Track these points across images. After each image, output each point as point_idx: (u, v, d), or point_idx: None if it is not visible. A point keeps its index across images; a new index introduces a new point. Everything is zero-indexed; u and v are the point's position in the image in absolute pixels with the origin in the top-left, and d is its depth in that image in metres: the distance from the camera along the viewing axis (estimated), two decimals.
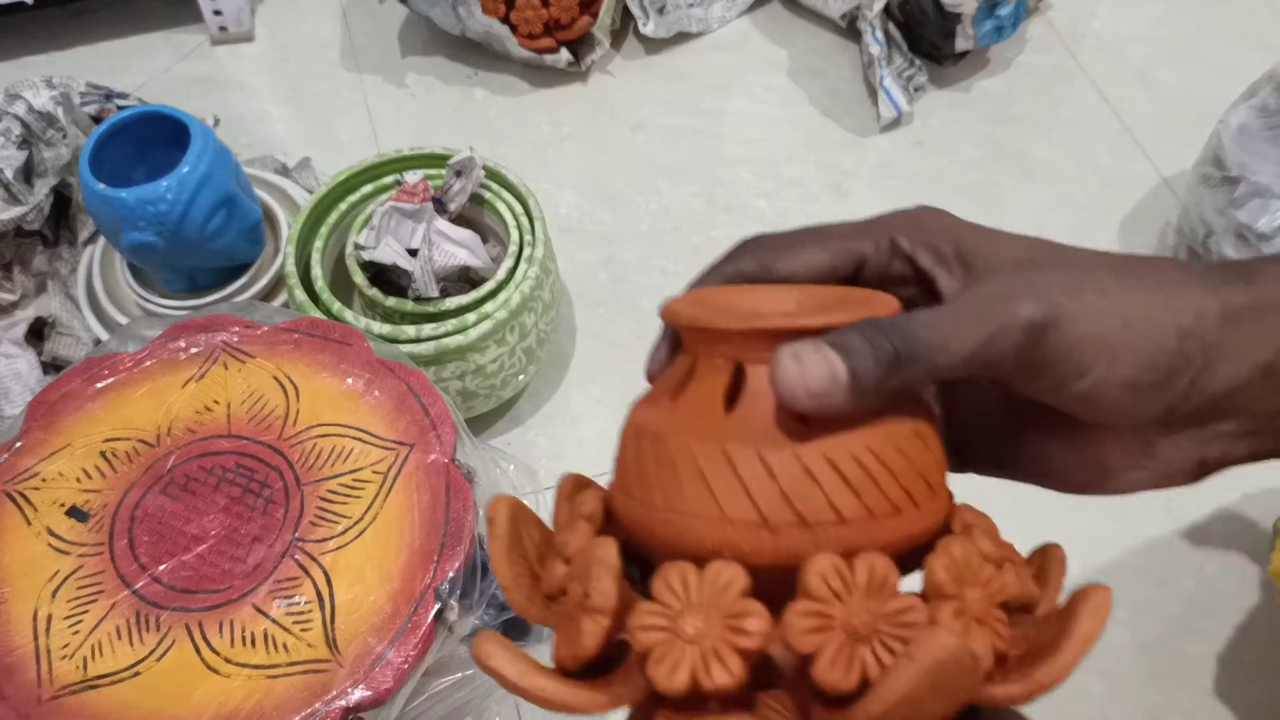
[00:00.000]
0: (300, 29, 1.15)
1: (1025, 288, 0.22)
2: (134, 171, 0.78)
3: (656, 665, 0.20)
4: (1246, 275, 0.23)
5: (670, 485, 0.21)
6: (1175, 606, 0.76)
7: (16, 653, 0.50)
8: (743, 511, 0.21)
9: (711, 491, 0.21)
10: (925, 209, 0.26)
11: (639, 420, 0.23)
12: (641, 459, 0.22)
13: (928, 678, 0.19)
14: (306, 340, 0.62)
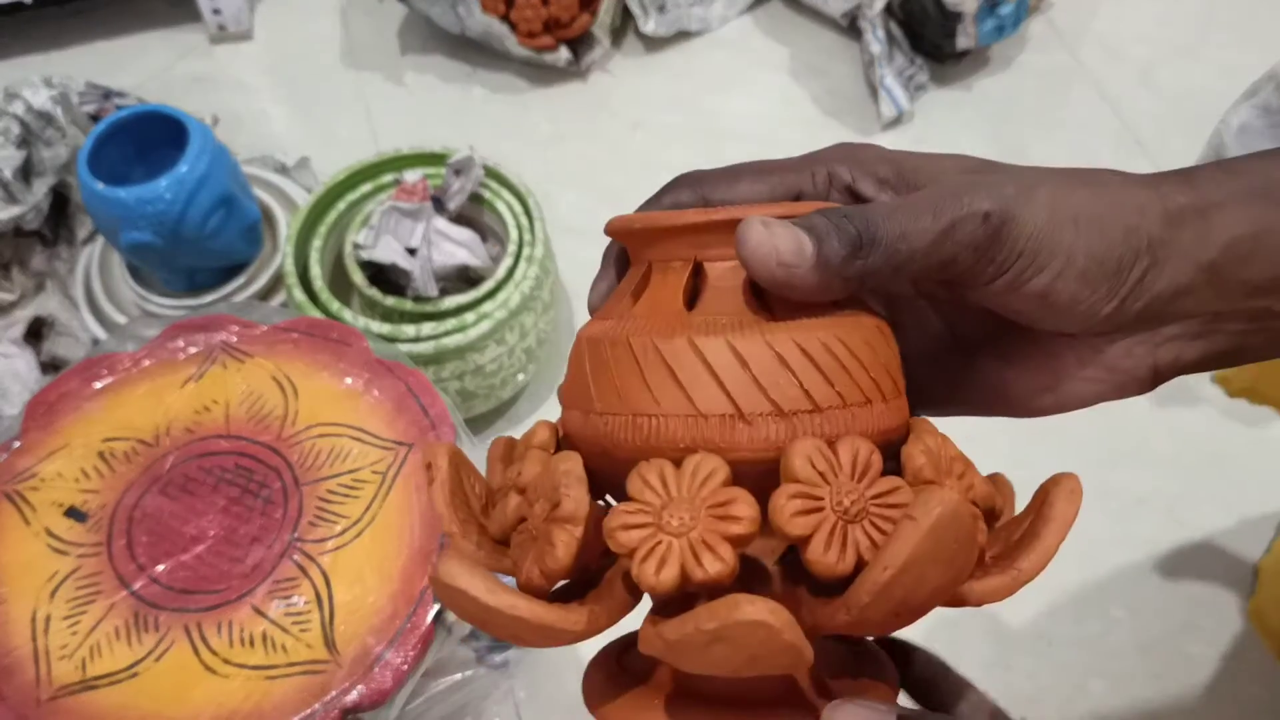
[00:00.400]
0: (299, 28, 1.15)
1: (979, 186, 0.23)
2: (132, 171, 0.78)
3: (644, 562, 0.19)
4: (1187, 178, 0.24)
5: (636, 387, 0.20)
6: (1175, 606, 0.76)
7: (15, 653, 0.50)
8: (716, 404, 0.20)
9: (682, 386, 0.20)
10: (857, 143, 0.27)
11: (594, 333, 0.23)
12: (601, 368, 0.21)
13: (931, 537, 0.18)
14: (305, 340, 0.62)
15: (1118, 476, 0.82)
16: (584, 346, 0.23)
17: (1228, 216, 0.23)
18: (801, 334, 0.21)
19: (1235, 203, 0.23)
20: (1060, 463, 0.87)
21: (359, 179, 0.82)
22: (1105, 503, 0.80)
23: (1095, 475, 0.81)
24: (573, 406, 0.23)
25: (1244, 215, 0.23)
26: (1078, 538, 0.80)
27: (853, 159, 0.26)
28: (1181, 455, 0.83)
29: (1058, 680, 0.73)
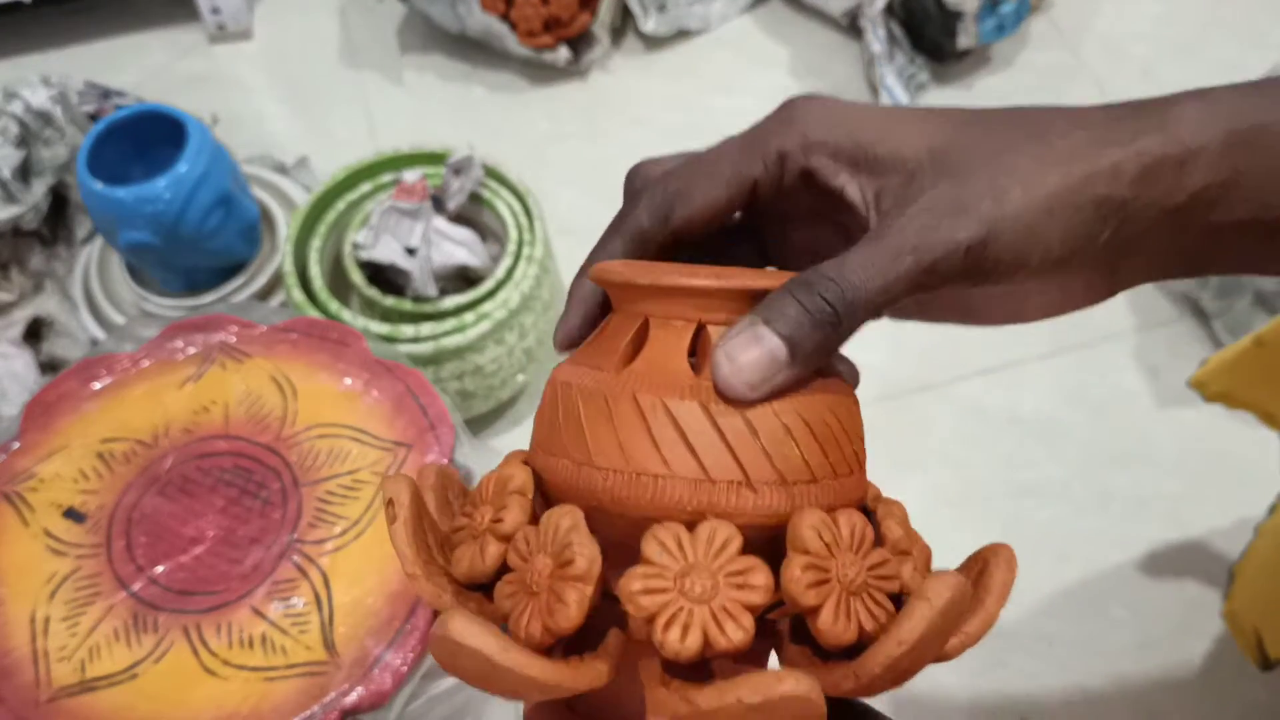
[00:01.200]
0: (298, 27, 1.15)
1: (954, 206, 0.22)
2: (131, 170, 0.78)
3: (667, 629, 0.19)
4: (1163, 119, 0.23)
5: (643, 446, 0.21)
6: (1175, 606, 0.76)
7: (14, 655, 0.50)
8: (727, 472, 0.21)
9: (693, 451, 0.21)
10: (800, 102, 0.25)
11: (585, 383, 0.22)
12: (600, 421, 0.21)
13: (942, 618, 0.19)
14: (304, 340, 0.62)
15: (1118, 477, 0.82)
16: (575, 395, 0.22)
17: (1202, 164, 0.23)
18: (803, 406, 0.22)
19: (1213, 149, 0.23)
20: (1061, 463, 0.86)
21: (358, 178, 0.82)
22: (1106, 503, 0.80)
23: (1096, 476, 0.81)
24: (559, 455, 0.22)
25: (1220, 163, 0.23)
26: (1079, 538, 0.80)
27: (798, 133, 0.24)
28: (1182, 456, 0.83)
29: (1058, 680, 0.73)
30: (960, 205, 0.22)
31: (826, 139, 0.24)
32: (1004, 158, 0.23)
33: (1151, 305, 0.91)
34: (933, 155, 0.23)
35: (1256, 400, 0.63)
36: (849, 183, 0.24)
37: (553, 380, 0.24)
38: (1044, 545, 0.77)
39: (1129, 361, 0.88)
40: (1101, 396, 0.86)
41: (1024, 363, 0.87)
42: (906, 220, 0.22)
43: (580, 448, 0.22)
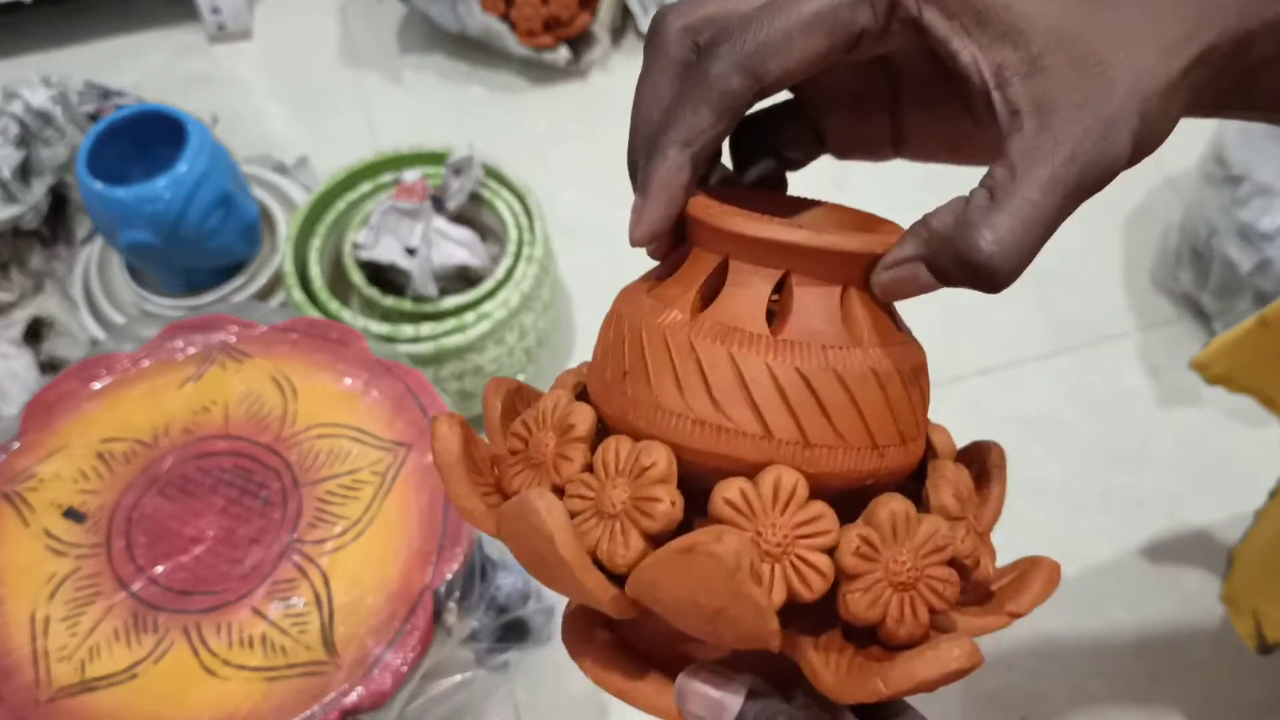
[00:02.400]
0: (298, 27, 1.15)
1: (1103, 124, 0.20)
2: (131, 170, 0.78)
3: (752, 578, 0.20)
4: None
5: (707, 400, 0.21)
6: (1175, 606, 0.76)
7: (14, 655, 0.50)
8: (788, 432, 0.21)
9: (758, 410, 0.21)
10: None
11: (657, 324, 0.22)
12: (666, 367, 0.21)
13: (941, 680, 0.20)
14: (304, 340, 0.62)
15: (1119, 477, 0.82)
16: (644, 335, 0.22)
17: None
18: (879, 368, 0.22)
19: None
20: (1062, 463, 0.86)
21: (358, 178, 0.82)
22: (1106, 503, 0.80)
23: (1096, 476, 0.81)
24: (622, 392, 0.22)
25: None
26: (1079, 537, 0.80)
27: None
28: (1183, 456, 0.83)
29: (1058, 680, 0.73)
30: (1109, 122, 0.20)
31: None
32: (1144, 48, 0.20)
33: (1151, 305, 0.91)
34: (1063, 32, 0.20)
35: (1258, 383, 0.63)
36: (963, 48, 0.21)
37: (619, 311, 0.23)
38: (1044, 545, 0.77)
39: (1129, 361, 0.88)
40: (1101, 396, 0.86)
41: (1024, 363, 0.87)
42: (1056, 146, 0.20)
43: (645, 390, 0.22)
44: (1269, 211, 0.80)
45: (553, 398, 0.24)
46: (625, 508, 0.21)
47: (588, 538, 0.21)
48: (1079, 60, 0.20)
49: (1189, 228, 0.87)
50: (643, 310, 0.22)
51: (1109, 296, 0.92)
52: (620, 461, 0.21)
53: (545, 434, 0.23)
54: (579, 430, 0.22)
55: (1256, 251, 0.80)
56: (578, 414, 0.23)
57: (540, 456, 0.23)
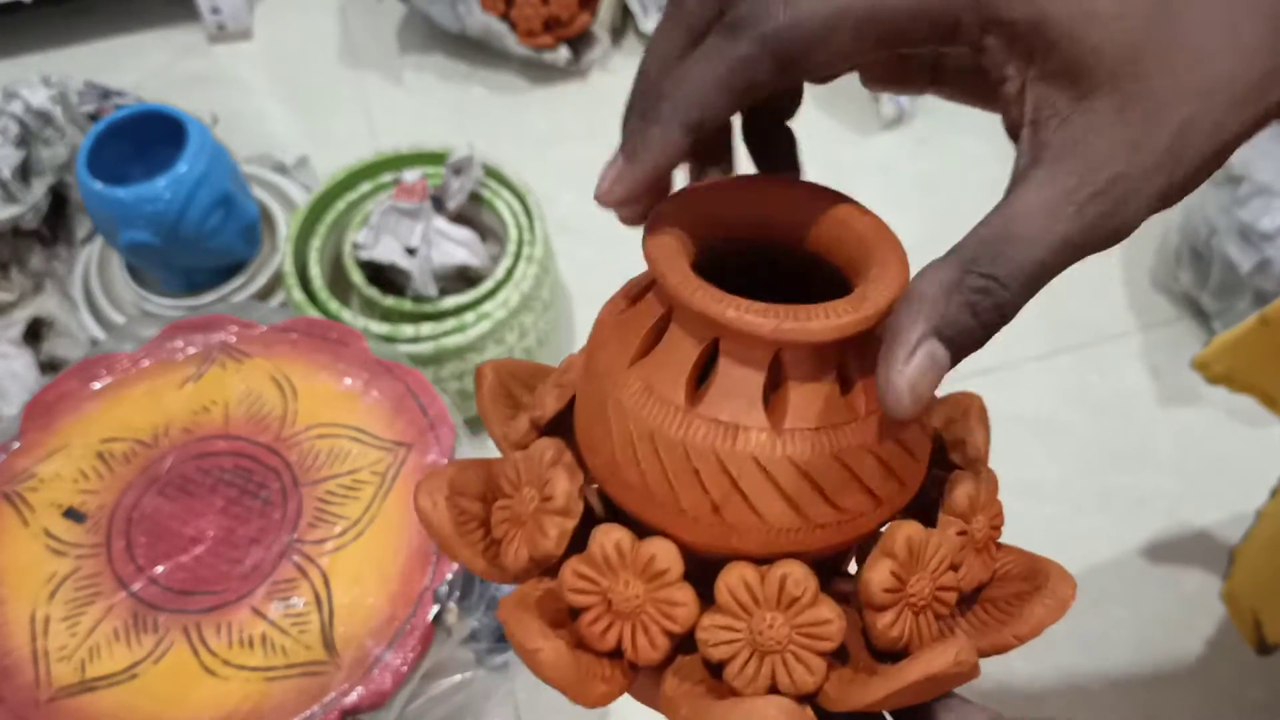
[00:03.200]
0: (298, 27, 1.15)
1: (1120, 194, 0.18)
2: (131, 170, 0.78)
3: (735, 676, 0.20)
4: None
5: (704, 500, 0.21)
6: (1175, 606, 0.76)
7: (14, 655, 0.50)
8: (791, 521, 0.21)
9: (754, 509, 0.21)
10: None
11: (645, 416, 0.21)
12: (656, 465, 0.21)
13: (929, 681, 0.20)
14: (304, 340, 0.62)
15: (1119, 477, 0.82)
16: (632, 426, 0.21)
17: None
18: (877, 440, 0.21)
19: None
20: (1062, 463, 0.86)
21: (358, 178, 0.82)
22: (1106, 503, 0.80)
23: (1096, 476, 0.81)
24: (614, 475, 0.22)
25: None
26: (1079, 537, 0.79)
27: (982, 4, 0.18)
28: (1183, 456, 0.83)
29: (1058, 680, 0.73)
30: (1130, 189, 0.18)
31: (1010, 11, 0.18)
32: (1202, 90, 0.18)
33: (1151, 305, 0.91)
34: (1126, 71, 0.18)
35: (1259, 382, 0.63)
36: (1015, 77, 0.19)
37: (603, 390, 0.22)
38: (1044, 545, 0.77)
39: (1129, 361, 0.88)
40: (1101, 396, 0.86)
41: (1024, 363, 0.87)
42: (1066, 202, 0.18)
43: (639, 482, 0.21)
44: (1269, 211, 0.80)
45: (538, 449, 0.23)
46: (643, 606, 0.21)
47: (606, 637, 0.21)
48: (1126, 105, 0.18)
49: (1189, 227, 0.87)
50: (630, 395, 0.21)
51: (1109, 296, 0.92)
52: (625, 556, 0.21)
53: (528, 492, 0.23)
54: (554, 505, 0.22)
55: (1256, 251, 0.80)
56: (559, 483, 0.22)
57: (522, 514, 0.23)
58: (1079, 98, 0.18)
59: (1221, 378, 0.64)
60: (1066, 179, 0.18)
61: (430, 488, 0.23)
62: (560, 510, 0.22)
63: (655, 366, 0.21)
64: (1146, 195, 0.19)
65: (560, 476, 0.22)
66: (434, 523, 0.23)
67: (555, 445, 0.23)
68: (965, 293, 0.19)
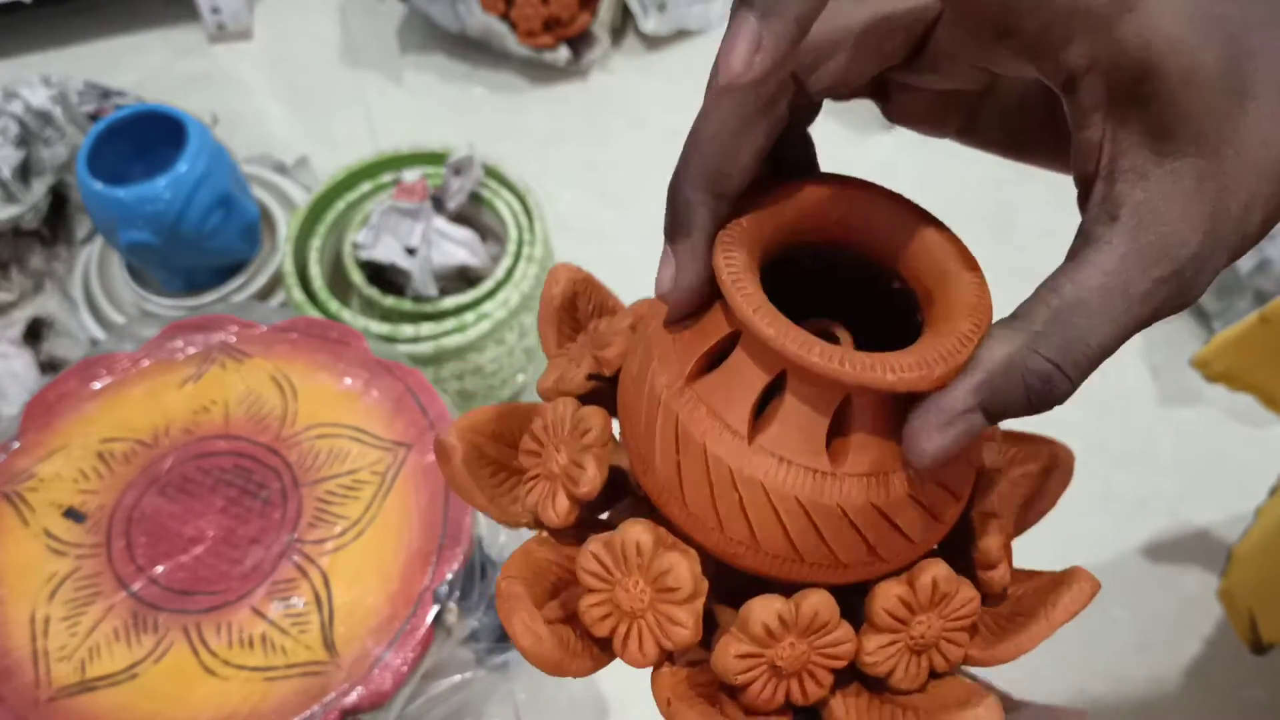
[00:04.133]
0: (298, 27, 1.15)
1: (1193, 268, 0.17)
2: (131, 170, 0.78)
3: (755, 695, 0.21)
4: None
5: (769, 530, 0.21)
6: (1176, 607, 0.76)
7: (14, 654, 0.50)
8: (825, 558, 0.21)
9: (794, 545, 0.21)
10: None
11: (713, 445, 0.21)
12: (704, 489, 0.21)
13: None
14: (304, 340, 0.62)
15: (1119, 477, 0.82)
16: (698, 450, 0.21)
17: None
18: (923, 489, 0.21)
19: None
20: None
21: (358, 178, 0.82)
22: (1107, 503, 0.80)
23: (1097, 476, 0.81)
24: (667, 489, 0.22)
25: None
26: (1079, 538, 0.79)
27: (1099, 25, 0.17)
28: (1183, 456, 0.83)
29: (1058, 680, 0.73)
30: (1201, 260, 0.18)
31: (1126, 59, 0.17)
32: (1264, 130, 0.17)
33: None
34: (1212, 133, 0.17)
35: (1258, 380, 0.63)
36: (1098, 124, 0.18)
37: (655, 394, 0.21)
38: (1044, 545, 0.77)
39: (1129, 361, 0.88)
40: (1102, 396, 0.86)
41: None
42: (1140, 276, 0.18)
43: (676, 493, 0.21)
44: None
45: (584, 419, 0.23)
46: (644, 611, 0.21)
47: (601, 624, 0.21)
48: (1207, 178, 0.17)
49: None
50: (685, 411, 0.21)
51: None
52: (644, 557, 0.21)
53: (558, 453, 0.23)
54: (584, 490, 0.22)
55: (1256, 251, 0.80)
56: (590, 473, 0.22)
57: (551, 470, 0.23)
58: (1162, 156, 0.18)
59: (1221, 376, 0.64)
60: (1146, 251, 0.18)
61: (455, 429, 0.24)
62: (583, 497, 0.22)
63: (716, 387, 0.21)
64: (1212, 271, 0.18)
65: (590, 464, 0.22)
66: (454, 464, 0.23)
67: (601, 422, 0.23)
68: (1027, 375, 0.18)
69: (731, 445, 0.20)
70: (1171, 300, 0.18)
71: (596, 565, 0.21)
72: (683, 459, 0.21)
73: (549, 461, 0.23)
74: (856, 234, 0.22)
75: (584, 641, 0.22)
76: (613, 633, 0.21)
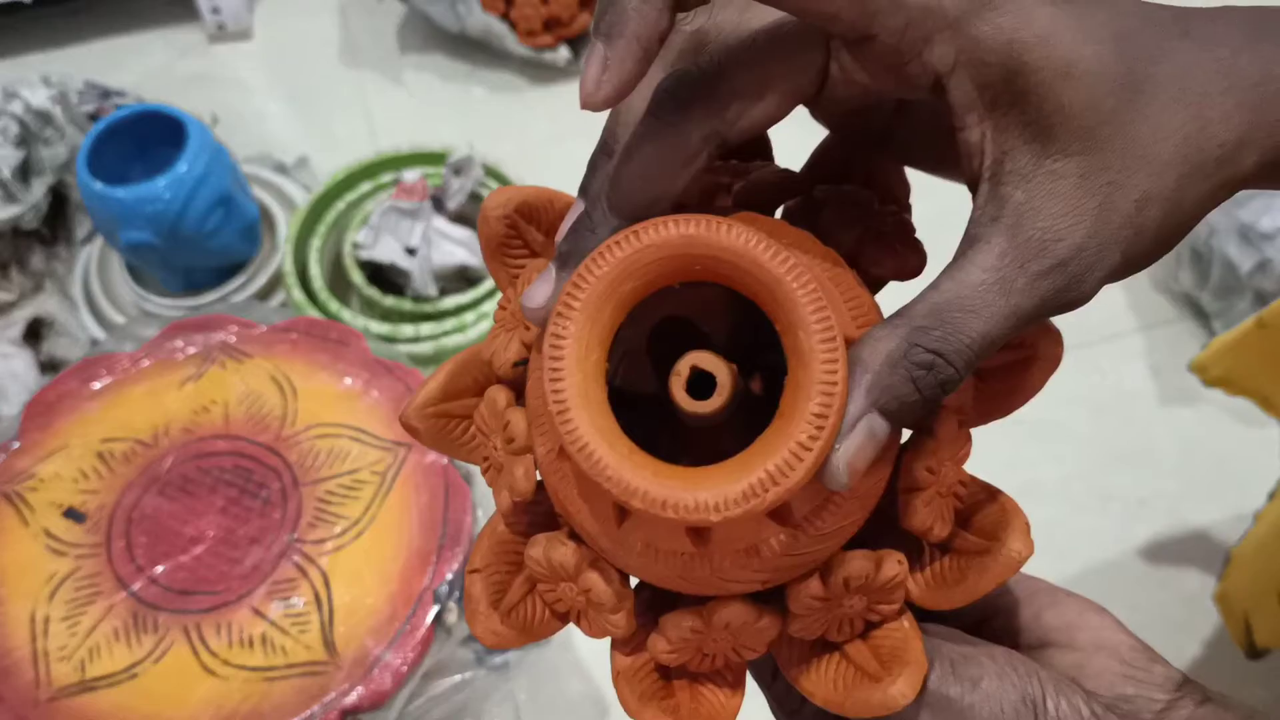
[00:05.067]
0: (298, 27, 1.15)
1: (1077, 268, 0.18)
2: (131, 170, 0.78)
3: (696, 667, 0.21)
4: None
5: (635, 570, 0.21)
6: (1176, 607, 0.76)
7: (14, 654, 0.50)
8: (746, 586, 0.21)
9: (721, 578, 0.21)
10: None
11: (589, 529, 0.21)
12: None
13: None
14: (304, 340, 0.62)
15: (1119, 477, 0.82)
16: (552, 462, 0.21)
17: None
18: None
19: None
20: (1061, 464, 0.86)
21: (358, 178, 0.82)
22: (1106, 503, 0.80)
23: (1096, 476, 0.81)
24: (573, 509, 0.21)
25: None
26: (1079, 538, 0.79)
27: (960, 54, 0.17)
28: (1183, 456, 0.83)
29: None
30: (1085, 263, 0.18)
31: (985, 59, 0.17)
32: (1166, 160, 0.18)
33: (1151, 305, 0.91)
34: (1095, 134, 0.17)
35: (1256, 385, 0.63)
36: (976, 125, 0.18)
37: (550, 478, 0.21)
38: (1044, 545, 0.77)
39: (1129, 361, 0.88)
40: (1102, 396, 0.86)
41: None
42: (1019, 272, 0.18)
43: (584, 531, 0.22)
44: (1269, 211, 0.80)
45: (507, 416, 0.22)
46: (585, 608, 0.22)
47: (558, 604, 0.22)
48: (1091, 174, 0.18)
49: None
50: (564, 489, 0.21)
51: (1109, 296, 0.91)
52: (568, 575, 0.22)
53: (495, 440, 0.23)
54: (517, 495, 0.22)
55: (1256, 251, 0.80)
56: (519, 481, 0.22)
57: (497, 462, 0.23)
58: (1042, 156, 0.18)
59: (1219, 380, 0.64)
60: (1024, 248, 0.18)
61: None
62: (518, 497, 0.22)
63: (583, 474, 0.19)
64: (1104, 268, 0.18)
65: (518, 469, 0.22)
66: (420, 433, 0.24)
67: (523, 424, 0.22)
68: (909, 367, 0.18)
69: (602, 529, 0.20)
70: (1060, 294, 0.18)
71: (539, 568, 0.22)
72: (570, 512, 0.21)
73: (491, 449, 0.23)
74: (724, 279, 0.19)
75: (548, 610, 0.23)
76: (568, 612, 0.22)
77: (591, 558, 0.21)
